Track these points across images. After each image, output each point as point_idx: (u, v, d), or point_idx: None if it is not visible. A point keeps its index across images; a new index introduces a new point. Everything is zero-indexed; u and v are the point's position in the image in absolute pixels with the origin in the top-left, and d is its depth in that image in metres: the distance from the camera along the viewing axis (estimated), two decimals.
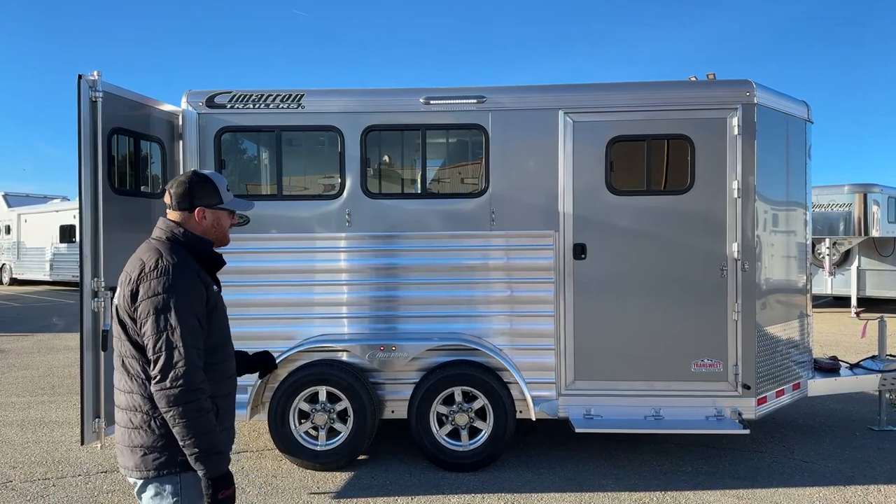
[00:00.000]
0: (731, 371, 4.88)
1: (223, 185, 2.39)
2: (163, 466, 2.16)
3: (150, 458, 2.16)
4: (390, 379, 4.93)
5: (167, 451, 2.15)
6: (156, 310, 2.11)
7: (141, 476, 2.18)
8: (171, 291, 2.12)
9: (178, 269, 2.17)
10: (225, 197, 2.38)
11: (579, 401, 4.91)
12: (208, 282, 2.29)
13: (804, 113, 5.41)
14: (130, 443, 2.19)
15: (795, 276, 5.45)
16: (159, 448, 2.16)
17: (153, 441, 2.16)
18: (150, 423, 2.16)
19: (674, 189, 4.94)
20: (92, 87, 4.13)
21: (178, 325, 2.10)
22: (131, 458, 2.19)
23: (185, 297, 2.14)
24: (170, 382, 2.07)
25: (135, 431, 2.19)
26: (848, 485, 4.63)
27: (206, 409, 2.11)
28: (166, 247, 2.25)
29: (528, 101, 4.97)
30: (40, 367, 8.83)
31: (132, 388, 2.20)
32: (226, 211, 2.39)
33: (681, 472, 4.87)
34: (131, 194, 4.60)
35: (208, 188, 2.34)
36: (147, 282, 2.14)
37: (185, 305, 2.13)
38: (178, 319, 2.10)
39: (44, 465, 5.10)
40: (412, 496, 4.47)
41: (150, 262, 2.18)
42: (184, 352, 2.08)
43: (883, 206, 13.30)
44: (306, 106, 4.94)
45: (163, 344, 2.10)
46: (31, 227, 21.95)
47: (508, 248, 4.94)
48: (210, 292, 2.26)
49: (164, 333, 2.10)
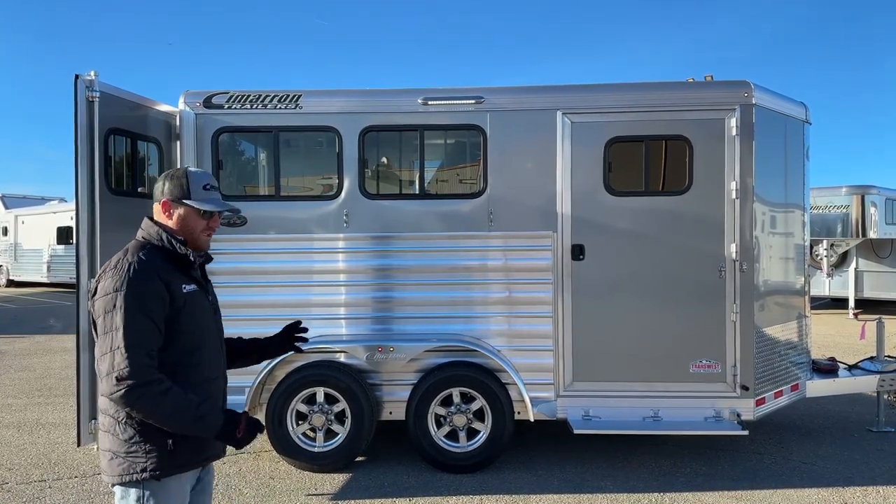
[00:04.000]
0: (729, 372, 4.87)
1: (200, 182, 2.27)
2: (124, 473, 2.11)
3: (115, 464, 2.12)
4: (388, 380, 4.92)
5: (130, 458, 2.10)
6: (105, 309, 2.05)
7: (109, 480, 2.16)
8: (121, 289, 2.04)
9: (135, 268, 2.08)
10: (194, 194, 2.24)
11: (578, 402, 4.91)
12: (172, 280, 2.15)
13: (802, 114, 5.41)
14: (103, 446, 2.18)
15: (794, 278, 5.45)
16: (122, 454, 2.11)
17: (118, 446, 2.12)
18: (115, 428, 2.12)
19: (672, 190, 4.93)
20: (89, 88, 4.12)
21: (122, 326, 2.01)
22: (103, 461, 2.17)
23: (138, 297, 2.05)
24: (115, 386, 1.99)
25: (105, 434, 2.15)
26: (847, 486, 4.62)
27: (163, 393, 2.02)
28: (135, 245, 2.20)
29: (527, 101, 4.97)
30: (37, 369, 8.80)
31: (101, 389, 2.12)
32: (194, 210, 2.24)
33: (679, 473, 4.86)
34: (128, 195, 4.58)
35: (176, 182, 2.25)
36: (104, 280, 2.10)
37: (136, 305, 2.04)
38: (123, 319, 2.02)
39: (40, 467, 5.07)
40: (410, 497, 4.45)
41: (113, 260, 2.15)
42: (125, 352, 1.99)
43: (880, 207, 13.33)
44: (304, 106, 4.93)
45: (108, 345, 2.03)
46: (29, 228, 21.90)
47: (507, 248, 4.93)
48: (176, 293, 2.14)
49: (109, 333, 2.03)
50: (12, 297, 19.47)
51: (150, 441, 2.09)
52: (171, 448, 2.11)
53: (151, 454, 2.10)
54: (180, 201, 2.24)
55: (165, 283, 2.12)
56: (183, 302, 2.16)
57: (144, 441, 2.09)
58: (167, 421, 2.06)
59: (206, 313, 2.29)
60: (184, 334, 2.16)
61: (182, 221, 2.25)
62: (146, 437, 2.09)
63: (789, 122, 5.27)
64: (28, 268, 21.85)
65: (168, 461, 2.12)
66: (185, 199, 2.24)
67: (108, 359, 2.01)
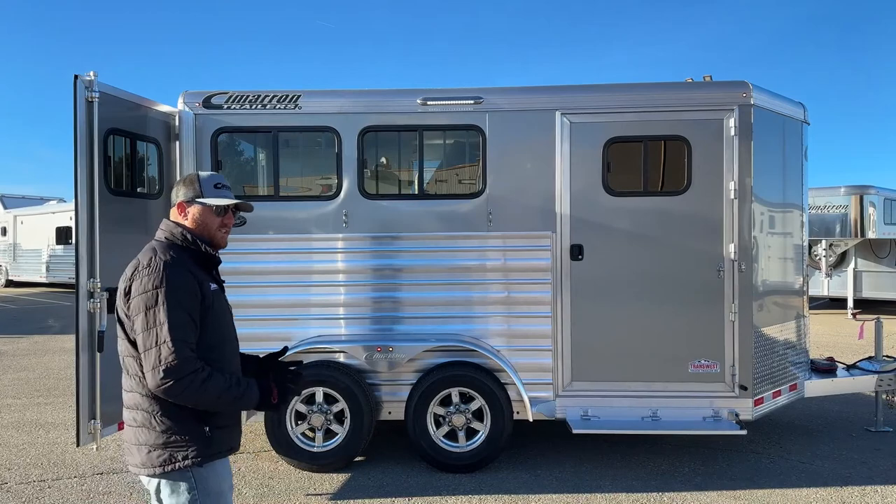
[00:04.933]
0: (727, 372, 4.88)
1: (211, 182, 2.39)
2: (167, 463, 2.18)
3: (155, 456, 2.18)
4: (387, 380, 4.92)
5: (171, 448, 2.18)
6: (145, 306, 2.14)
7: (150, 474, 2.21)
8: (161, 287, 2.14)
9: (170, 266, 2.18)
10: (206, 193, 2.36)
11: (577, 402, 4.91)
12: (203, 279, 2.28)
13: (800, 114, 5.42)
14: (136, 441, 2.22)
15: (792, 278, 5.46)
16: (162, 445, 2.18)
17: (156, 438, 2.19)
18: (152, 421, 2.19)
19: (671, 190, 4.94)
20: (88, 88, 4.12)
21: (166, 321, 2.11)
22: (139, 456, 2.21)
23: (175, 293, 2.15)
24: (162, 379, 2.09)
25: (140, 430, 2.21)
26: (845, 485, 4.63)
27: (206, 379, 2.13)
28: (162, 245, 2.29)
29: (526, 102, 4.97)
30: (36, 369, 8.80)
31: (132, 386, 2.23)
32: (209, 209, 2.36)
33: (678, 472, 4.87)
34: (127, 195, 4.58)
35: (189, 184, 2.37)
36: (139, 279, 2.18)
37: (174, 300, 2.14)
38: (166, 314, 2.12)
39: (39, 466, 5.07)
40: (409, 497, 4.46)
41: (144, 259, 2.23)
42: (172, 345, 2.09)
43: (879, 207, 13.33)
44: (303, 106, 4.93)
45: (153, 339, 2.11)
46: (28, 228, 21.89)
47: (506, 249, 4.94)
48: (206, 291, 2.26)
49: (152, 329, 2.12)
50: (11, 297, 19.46)
51: (188, 430, 2.19)
52: (208, 435, 2.23)
53: (191, 442, 2.20)
54: (194, 201, 2.35)
55: (199, 280, 2.24)
56: (210, 300, 2.27)
57: (183, 431, 2.19)
58: (213, 404, 2.19)
59: (226, 313, 2.40)
60: (210, 331, 2.25)
61: (198, 220, 2.36)
62: (184, 426, 2.19)
63: (788, 122, 5.28)
64: (27, 268, 21.83)
65: (207, 448, 2.23)
66: (199, 199, 2.35)
67: (153, 353, 2.10)
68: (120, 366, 2.32)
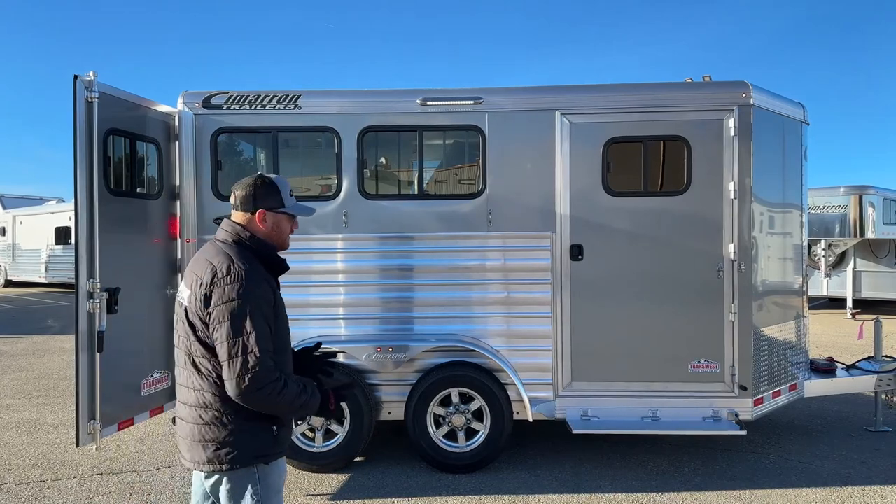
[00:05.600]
0: (727, 372, 4.88)
1: (286, 189, 2.44)
2: (236, 461, 2.23)
3: (224, 453, 2.23)
4: (387, 380, 4.92)
5: (240, 445, 2.24)
6: (231, 315, 2.17)
7: (214, 470, 2.25)
8: (245, 297, 2.18)
9: (250, 275, 2.22)
10: (286, 201, 2.42)
11: (576, 402, 4.91)
12: (273, 285, 2.34)
13: (800, 114, 5.43)
14: (201, 438, 2.25)
15: (792, 278, 5.46)
16: (231, 443, 2.23)
17: (225, 436, 2.23)
18: (223, 419, 2.23)
19: (670, 190, 4.94)
20: (88, 88, 4.11)
21: (252, 331, 2.16)
22: (203, 453, 2.24)
23: (258, 303, 2.21)
24: (247, 386, 2.15)
25: (206, 427, 2.24)
26: (844, 485, 4.64)
27: (282, 388, 2.20)
28: (234, 251, 2.30)
29: (525, 102, 4.97)
30: (35, 369, 8.79)
31: (203, 385, 2.25)
32: (286, 215, 2.43)
33: (678, 472, 4.87)
34: (127, 195, 4.58)
35: (270, 191, 2.39)
36: (221, 287, 2.20)
37: (258, 311, 2.19)
38: (252, 325, 2.17)
39: (39, 467, 5.07)
40: (409, 497, 4.46)
41: (221, 266, 2.23)
42: (259, 355, 2.15)
43: (878, 207, 13.34)
44: (303, 107, 4.93)
45: (239, 349, 2.16)
46: (27, 228, 21.87)
47: (505, 249, 4.93)
48: (277, 297, 2.33)
49: (239, 339, 2.16)
50: (10, 297, 19.44)
51: (257, 429, 2.27)
52: (275, 433, 2.31)
53: (260, 441, 2.27)
54: (275, 210, 2.40)
55: (272, 288, 2.31)
56: (279, 305, 2.34)
57: (253, 429, 2.26)
58: (283, 411, 2.27)
59: (285, 315, 2.43)
60: (277, 336, 2.30)
61: (276, 227, 2.42)
62: (254, 425, 2.26)
63: (787, 122, 5.28)
64: (26, 268, 21.81)
65: (274, 447, 2.32)
66: (282, 209, 2.41)
67: (238, 363, 2.15)
68: (121, 365, 2.33)
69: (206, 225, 4.90)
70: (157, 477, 4.84)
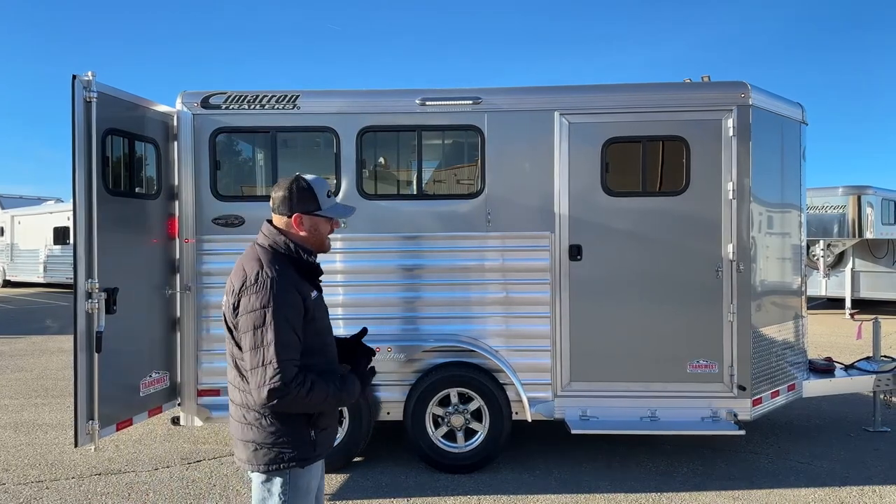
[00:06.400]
0: (726, 372, 4.88)
1: (323, 191, 2.40)
2: (272, 462, 2.26)
3: (261, 454, 2.27)
4: (386, 380, 4.91)
5: (276, 448, 2.26)
6: (254, 326, 2.17)
7: (252, 469, 2.30)
8: (269, 306, 2.16)
9: (278, 283, 2.19)
10: (323, 203, 2.38)
11: (575, 402, 4.91)
12: (307, 292, 2.29)
13: (799, 115, 5.43)
14: (244, 437, 2.29)
15: (790, 278, 5.47)
16: (269, 445, 2.26)
17: (264, 438, 2.26)
18: (262, 421, 2.25)
19: (669, 190, 4.94)
20: (86, 88, 4.10)
21: (273, 341, 2.14)
22: (244, 452, 2.30)
23: (283, 312, 2.18)
24: (268, 397, 2.14)
25: (248, 427, 2.28)
26: (843, 485, 4.64)
27: (308, 391, 2.17)
28: (267, 256, 2.28)
29: (524, 102, 4.97)
30: (34, 370, 8.78)
31: (246, 387, 2.26)
32: (324, 218, 2.39)
33: (677, 472, 4.87)
34: (126, 195, 4.57)
35: (306, 194, 2.36)
36: (247, 296, 2.20)
37: (282, 320, 2.17)
38: (274, 335, 2.15)
39: (37, 467, 5.06)
40: (408, 498, 4.45)
41: (251, 274, 2.23)
42: (277, 366, 2.13)
43: (877, 207, 13.36)
44: (302, 107, 4.93)
45: (259, 359, 2.16)
46: (25, 228, 21.86)
47: (504, 249, 4.93)
48: (308, 302, 2.27)
49: (260, 349, 2.16)
50: (8, 297, 19.42)
51: (295, 433, 2.27)
52: (313, 438, 2.31)
53: (297, 445, 2.28)
54: (312, 213, 2.37)
55: (301, 295, 2.26)
56: (313, 310, 2.30)
57: (290, 433, 2.26)
58: (318, 408, 2.28)
59: (325, 316, 2.42)
60: (311, 337, 2.29)
61: (314, 231, 2.39)
62: (292, 429, 2.27)
63: (786, 122, 5.29)
64: (24, 268, 21.79)
65: (311, 451, 2.32)
66: (319, 211, 2.37)
67: (260, 373, 2.15)
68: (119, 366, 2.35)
69: (204, 225, 4.90)
70: (156, 477, 4.84)
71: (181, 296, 4.89)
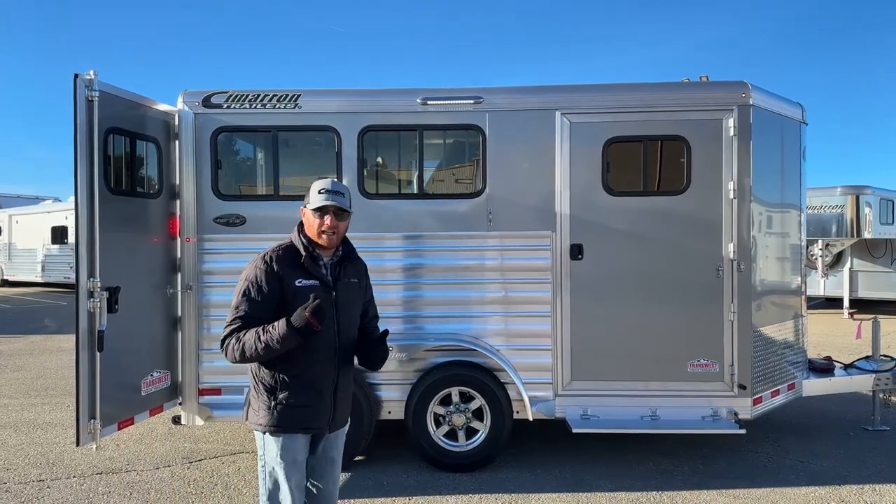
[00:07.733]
0: (727, 371, 4.89)
1: (317, 188, 2.72)
2: (254, 422, 2.70)
3: (250, 413, 2.73)
4: (387, 380, 4.92)
5: (253, 410, 2.71)
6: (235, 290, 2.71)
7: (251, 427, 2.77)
8: (243, 275, 2.68)
9: (256, 262, 2.68)
10: (311, 199, 2.72)
11: (576, 401, 4.92)
12: (288, 274, 2.65)
13: (799, 115, 5.44)
14: (247, 399, 2.79)
15: (790, 278, 5.48)
16: (256, 409, 2.70)
17: (251, 400, 2.74)
18: (252, 388, 2.73)
19: (670, 190, 4.95)
20: (88, 87, 4.10)
21: (233, 305, 2.66)
22: (246, 412, 2.79)
23: (249, 282, 2.64)
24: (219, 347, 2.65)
25: (250, 391, 2.76)
26: (843, 484, 4.65)
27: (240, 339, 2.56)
28: (277, 244, 2.77)
29: (525, 101, 4.98)
30: (33, 369, 8.77)
31: None
32: (311, 211, 2.71)
33: (677, 471, 4.89)
34: (127, 194, 4.57)
35: (309, 192, 2.75)
36: None
37: (245, 288, 2.64)
38: (236, 298, 2.66)
39: (38, 466, 5.06)
40: (409, 497, 4.46)
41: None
42: (228, 323, 2.62)
43: (875, 207, 13.39)
44: (303, 106, 4.93)
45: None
46: (23, 228, 21.81)
47: (505, 248, 4.94)
48: (288, 285, 2.64)
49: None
50: (7, 297, 19.38)
51: (262, 401, 2.68)
52: (272, 408, 2.66)
53: (264, 413, 2.67)
54: (304, 207, 2.76)
55: (280, 275, 2.64)
56: (293, 294, 2.63)
57: (259, 400, 2.70)
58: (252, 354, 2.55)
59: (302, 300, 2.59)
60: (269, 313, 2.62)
61: (308, 223, 2.76)
62: (260, 396, 2.69)
63: (786, 122, 5.30)
64: (22, 268, 21.76)
65: (273, 420, 2.65)
66: (307, 205, 2.74)
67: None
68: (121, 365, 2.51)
69: (205, 224, 4.89)
70: (157, 476, 4.84)
71: (182, 295, 4.89)
